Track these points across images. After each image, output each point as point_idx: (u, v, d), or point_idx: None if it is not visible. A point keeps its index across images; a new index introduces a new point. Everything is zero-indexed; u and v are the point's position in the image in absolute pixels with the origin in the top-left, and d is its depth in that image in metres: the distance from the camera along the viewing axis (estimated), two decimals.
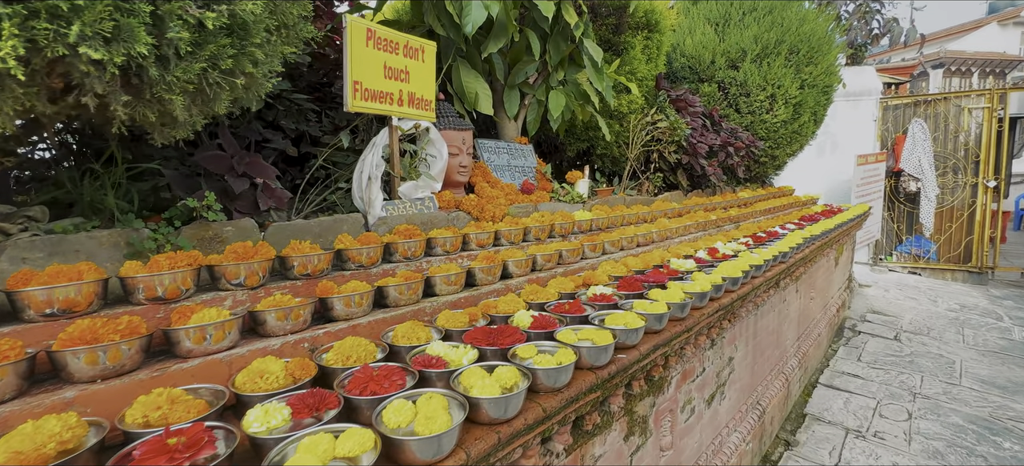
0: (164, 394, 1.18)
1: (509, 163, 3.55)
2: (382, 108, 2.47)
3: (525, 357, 1.56)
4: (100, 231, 1.59)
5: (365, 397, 1.26)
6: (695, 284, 2.44)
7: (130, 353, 1.29)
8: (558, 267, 2.74)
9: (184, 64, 1.22)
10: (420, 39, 2.63)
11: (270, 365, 1.35)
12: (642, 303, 2.12)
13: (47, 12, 1.02)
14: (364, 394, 1.26)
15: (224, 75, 1.35)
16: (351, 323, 1.73)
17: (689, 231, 4.13)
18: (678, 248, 3.51)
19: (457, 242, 2.46)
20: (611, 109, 4.54)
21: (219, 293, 1.64)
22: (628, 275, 2.66)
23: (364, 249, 2.05)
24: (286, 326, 1.60)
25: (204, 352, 1.41)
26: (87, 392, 1.20)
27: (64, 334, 1.23)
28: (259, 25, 1.37)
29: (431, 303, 2.02)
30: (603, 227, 3.49)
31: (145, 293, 1.49)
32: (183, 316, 1.44)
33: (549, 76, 3.77)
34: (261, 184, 2.08)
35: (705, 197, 5.46)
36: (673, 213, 4.42)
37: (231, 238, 1.88)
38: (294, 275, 1.85)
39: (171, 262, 1.53)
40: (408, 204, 2.56)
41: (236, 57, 1.35)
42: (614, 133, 4.65)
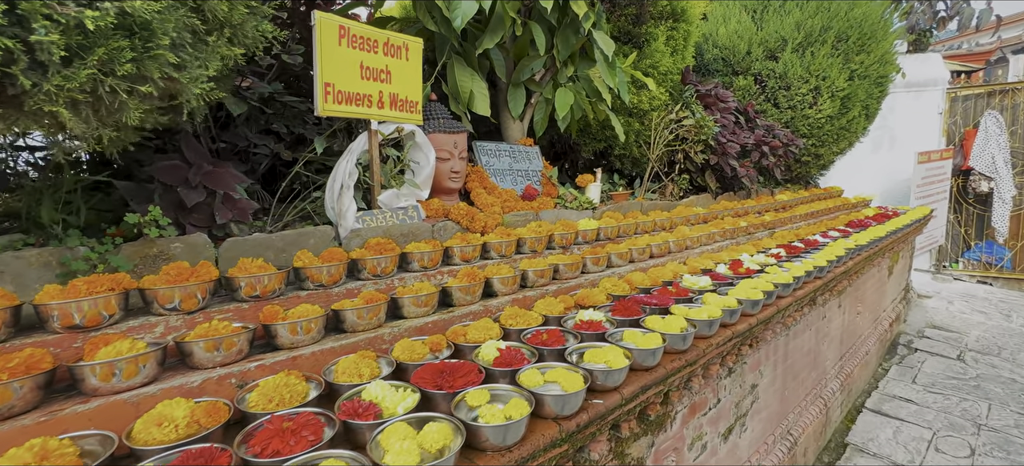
0: (37, 446, 1.04)
1: (511, 167, 3.32)
2: (358, 111, 2.29)
3: (474, 405, 1.34)
4: (29, 250, 1.49)
5: (264, 459, 1.07)
6: (702, 310, 2.13)
7: (22, 393, 1.17)
8: (552, 284, 2.49)
9: (67, 71, 1.07)
10: (403, 36, 2.44)
11: (173, 410, 1.19)
12: (633, 333, 1.84)
13: None
14: (264, 455, 1.08)
15: (127, 81, 1.20)
16: (294, 354, 1.56)
17: (713, 240, 3.76)
18: (697, 260, 3.17)
19: (436, 257, 2.26)
20: (629, 106, 4.21)
21: (151, 318, 1.51)
22: (629, 295, 2.38)
23: (325, 267, 1.88)
24: (216, 358, 1.45)
25: (111, 390, 1.27)
26: None
27: None
28: (167, 24, 1.21)
29: (394, 328, 1.82)
30: (612, 236, 3.21)
31: (61, 321, 1.37)
32: (95, 348, 1.31)
33: (557, 72, 3.50)
34: (221, 196, 1.95)
35: (736, 201, 5.02)
36: (696, 219, 4.05)
37: (179, 255, 1.75)
38: (242, 297, 1.70)
39: (90, 286, 1.40)
40: (388, 214, 2.38)
41: (139, 61, 1.19)
42: (633, 132, 4.31)
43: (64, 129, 1.22)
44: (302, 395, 1.36)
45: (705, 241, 3.68)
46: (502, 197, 3.00)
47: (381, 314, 1.84)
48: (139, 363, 1.31)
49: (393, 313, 1.95)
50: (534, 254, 2.69)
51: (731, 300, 2.31)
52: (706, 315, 2.08)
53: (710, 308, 2.15)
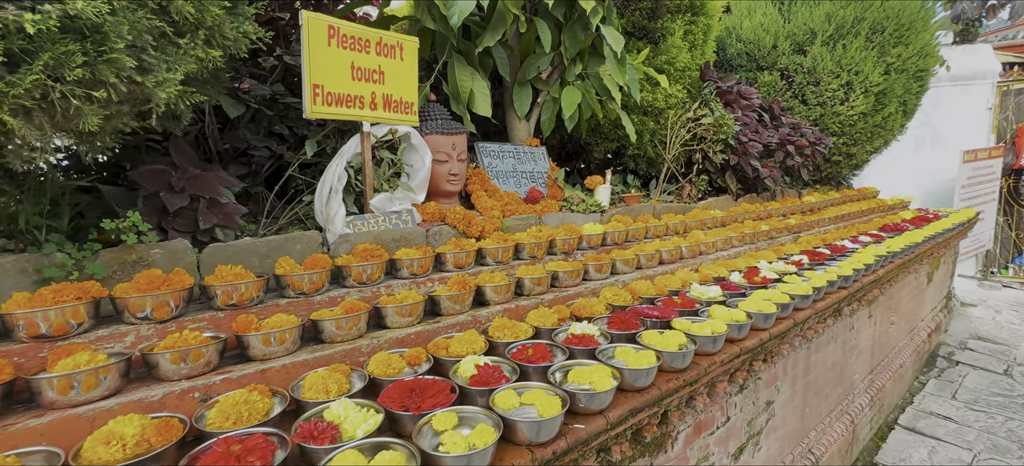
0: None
1: (515, 168, 3.22)
2: (349, 113, 2.24)
3: (440, 430, 1.25)
4: (5, 256, 1.48)
5: None
6: (706, 324, 1.99)
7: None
8: (549, 292, 2.38)
9: (11, 77, 1.04)
10: (397, 35, 2.37)
11: (124, 427, 1.15)
12: (626, 350, 1.72)
13: None
14: None
15: (81, 86, 1.16)
16: (265, 366, 1.51)
17: (730, 245, 3.57)
18: (710, 268, 3.00)
19: (426, 263, 2.18)
20: (643, 105, 4.04)
21: (121, 328, 1.49)
22: (630, 306, 2.25)
23: (305, 274, 1.83)
24: (182, 370, 1.41)
25: (68, 404, 1.24)
26: None
27: None
28: (121, 27, 1.16)
29: (374, 340, 1.76)
30: (619, 241, 3.07)
31: (27, 330, 1.35)
32: (57, 359, 1.28)
33: (565, 70, 3.38)
34: (206, 200, 1.93)
35: (760, 203, 4.78)
36: (713, 223, 3.86)
37: (159, 262, 1.72)
38: (218, 305, 1.66)
39: (56, 295, 1.38)
40: (381, 219, 2.32)
41: (92, 65, 1.15)
42: (648, 131, 4.14)
43: (13, 136, 1.19)
44: (263, 412, 1.30)
45: (721, 246, 3.49)
46: (503, 200, 2.90)
47: (361, 324, 1.77)
48: (99, 375, 1.28)
49: (377, 323, 1.89)
50: (533, 260, 2.59)
51: (740, 313, 2.15)
52: (710, 330, 1.93)
53: (715, 322, 2.00)
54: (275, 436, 1.19)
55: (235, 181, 2.15)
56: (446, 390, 1.40)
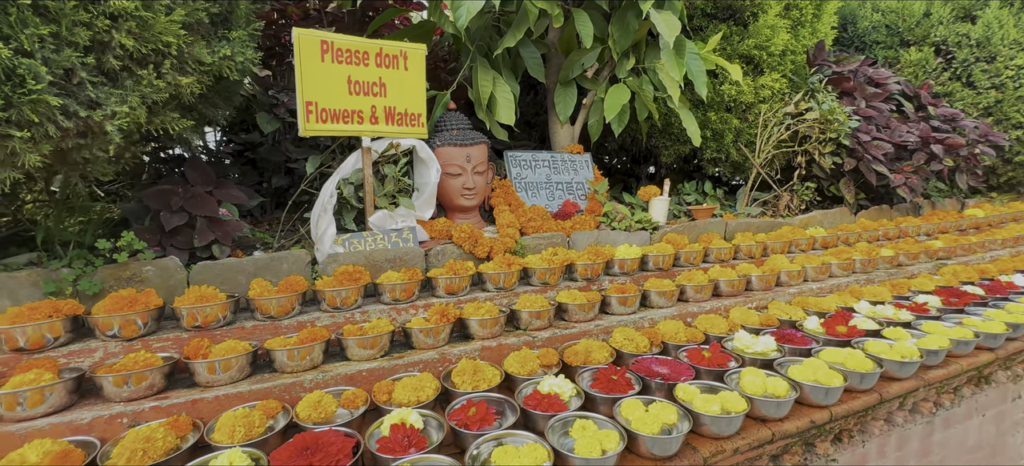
0: None
1: (549, 179, 2.92)
2: (346, 129, 2.18)
3: None
4: (19, 271, 1.69)
5: None
6: (715, 399, 1.52)
7: None
8: (550, 328, 2.08)
9: None
10: (400, 44, 2.25)
11: (28, 454, 1.20)
12: (585, 427, 1.38)
13: None
14: None
15: (13, 117, 1.23)
16: (202, 395, 1.51)
17: (825, 274, 2.84)
18: (781, 306, 2.39)
19: (410, 288, 2.04)
20: (722, 99, 3.41)
21: (90, 344, 1.60)
22: (640, 356, 1.86)
23: (273, 299, 1.81)
24: (124, 393, 1.46)
25: (14, 418, 1.34)
26: None
27: None
28: (38, 69, 1.21)
29: (322, 374, 1.66)
30: (664, 266, 2.61)
31: (7, 343, 1.51)
32: (19, 372, 1.41)
33: (616, 66, 2.97)
34: (206, 218, 2.02)
35: (891, 219, 3.77)
36: (808, 245, 3.11)
37: (152, 278, 1.84)
38: (184, 326, 1.72)
39: (32, 312, 1.52)
40: (379, 237, 2.24)
41: (15, 107, 1.21)
42: (731, 131, 3.49)
43: None
44: (162, 452, 1.28)
45: (814, 276, 2.79)
46: (526, 215, 2.64)
47: (315, 354, 1.70)
48: (44, 394, 1.37)
49: (339, 353, 1.81)
50: (545, 287, 2.30)
51: (780, 385, 1.63)
52: (719, 408, 1.48)
53: (732, 399, 1.53)
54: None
55: (244, 198, 2.23)
56: (346, 452, 1.25)
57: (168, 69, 1.61)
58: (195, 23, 1.70)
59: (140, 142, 1.84)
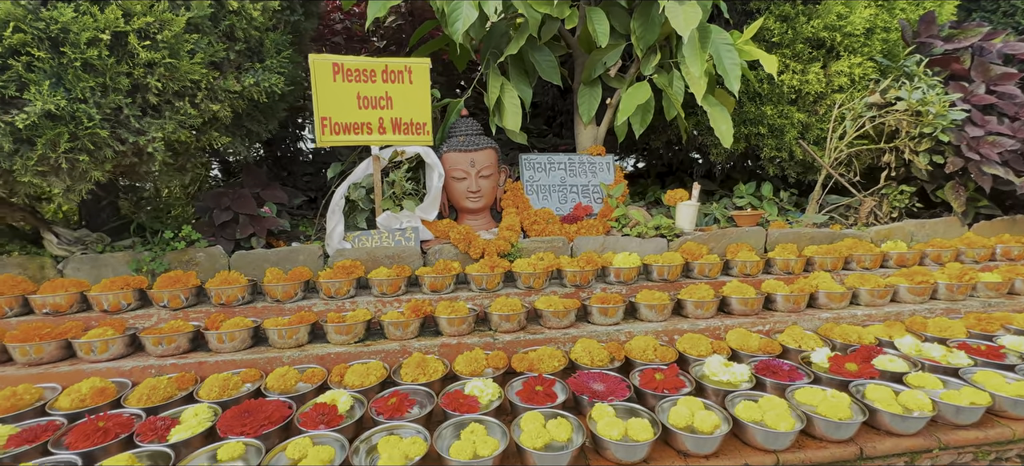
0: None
1: (564, 182, 2.91)
2: (357, 140, 2.48)
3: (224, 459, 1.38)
4: (117, 252, 2.30)
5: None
6: (613, 425, 1.47)
7: (47, 349, 1.87)
8: (523, 331, 2.14)
9: (29, 153, 1.64)
10: (404, 60, 2.46)
11: (82, 387, 1.69)
12: (474, 434, 1.46)
13: None
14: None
15: (76, 153, 1.72)
16: (216, 359, 1.92)
17: (882, 298, 2.40)
18: (798, 334, 2.11)
19: (396, 283, 2.28)
20: (784, 91, 3.01)
21: (150, 310, 2.13)
22: (587, 372, 1.84)
23: (279, 285, 2.19)
24: (157, 350, 1.93)
25: (87, 360, 1.88)
26: None
27: None
28: (90, 110, 1.66)
29: (305, 351, 1.98)
30: (671, 278, 2.46)
31: (97, 306, 2.09)
32: (96, 326, 1.96)
33: (642, 62, 2.82)
34: (247, 216, 2.49)
35: (1017, 233, 2.97)
36: (872, 261, 2.63)
37: (203, 263, 2.35)
38: (213, 303, 2.17)
39: (110, 284, 2.08)
40: (384, 236, 2.51)
41: (77, 139, 1.69)
42: (794, 126, 3.07)
43: (42, 192, 1.85)
44: (163, 398, 1.68)
45: (869, 300, 2.38)
46: (531, 218, 2.69)
47: (301, 335, 2.02)
48: (107, 345, 1.89)
49: (325, 336, 2.10)
50: (529, 290, 2.35)
51: (706, 420, 1.49)
52: (613, 435, 1.43)
53: (636, 427, 1.46)
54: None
55: (285, 198, 2.67)
56: (275, 419, 1.51)
57: (201, 99, 2.04)
58: (221, 61, 2.11)
59: (198, 154, 2.33)
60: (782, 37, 2.99)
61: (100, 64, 1.67)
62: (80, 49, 1.60)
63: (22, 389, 1.70)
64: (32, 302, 2.06)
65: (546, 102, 4.14)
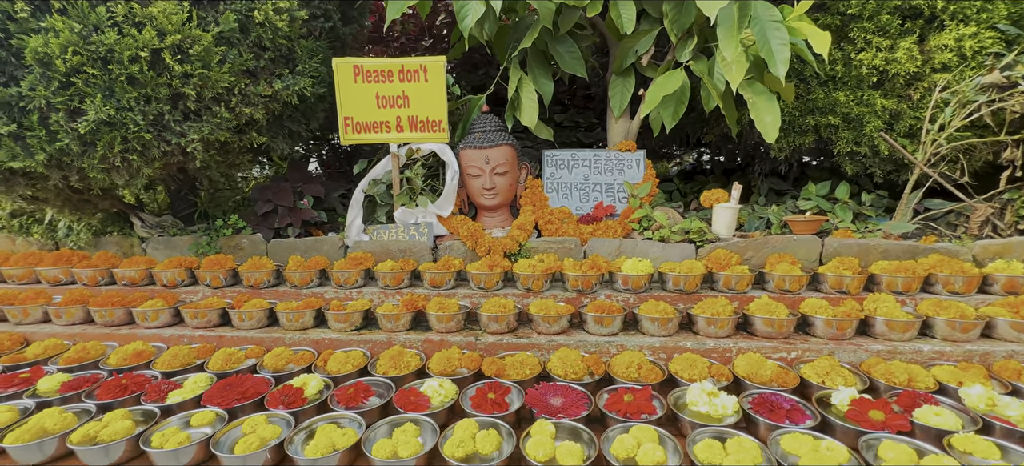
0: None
1: (587, 179, 2.75)
2: (376, 137, 2.60)
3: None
4: (184, 236, 2.71)
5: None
6: (538, 446, 1.36)
7: (113, 315, 2.28)
8: (504, 334, 2.09)
9: (92, 153, 2.00)
10: (420, 59, 2.52)
11: (128, 349, 2.03)
12: (405, 433, 1.46)
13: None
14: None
15: (127, 152, 2.06)
16: (235, 334, 2.18)
17: (966, 331, 1.90)
18: (827, 366, 1.77)
19: (400, 276, 2.36)
20: (860, 74, 2.51)
21: (196, 287, 2.47)
22: (550, 384, 1.74)
23: (297, 272, 2.40)
24: (193, 322, 2.23)
25: (144, 327, 2.25)
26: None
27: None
28: (136, 117, 1.98)
29: (306, 335, 2.15)
30: (688, 289, 2.22)
31: (160, 282, 2.48)
32: (141, 302, 2.33)
33: (677, 48, 2.56)
34: (285, 207, 2.76)
35: None
36: (965, 285, 2.09)
37: (247, 248, 2.67)
38: (244, 285, 2.46)
39: (168, 263, 2.45)
40: (400, 230, 2.61)
41: (127, 142, 2.02)
42: (876, 116, 2.55)
43: (112, 184, 2.22)
44: (182, 363, 1.95)
45: (947, 333, 1.91)
46: (545, 217, 2.60)
47: (306, 319, 2.19)
48: (158, 314, 2.24)
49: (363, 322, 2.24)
50: (528, 292, 2.29)
51: (652, 455, 1.32)
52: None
53: (563, 450, 1.34)
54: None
55: (322, 191, 2.91)
56: (250, 394, 1.68)
57: (235, 104, 2.30)
58: (254, 68, 2.35)
59: (242, 152, 2.64)
60: (861, 7, 2.48)
61: (142, 77, 1.97)
62: (124, 66, 1.91)
63: (91, 345, 2.09)
64: (115, 274, 2.52)
65: (598, 93, 3.94)
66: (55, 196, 2.32)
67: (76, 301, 2.32)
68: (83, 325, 2.31)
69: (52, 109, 1.90)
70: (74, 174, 2.09)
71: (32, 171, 2.05)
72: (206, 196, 3.06)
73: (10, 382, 1.84)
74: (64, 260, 2.59)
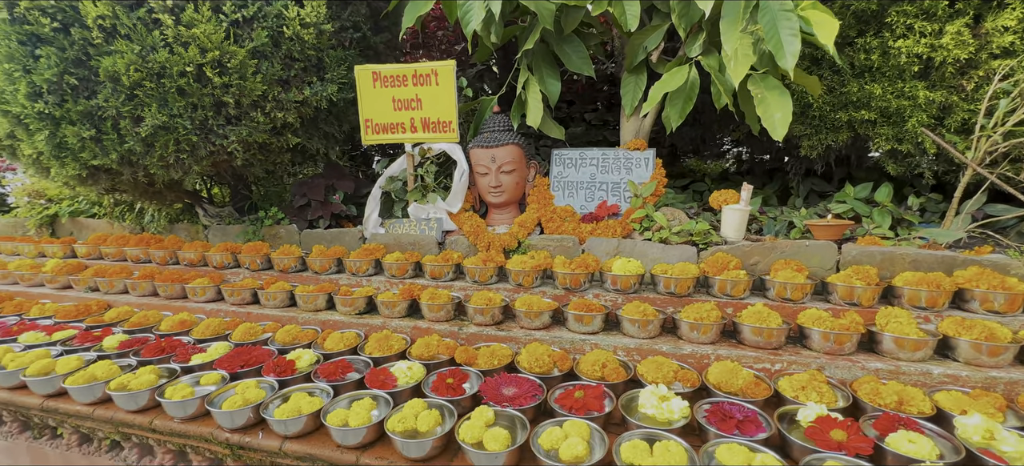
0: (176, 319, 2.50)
1: (593, 178, 2.74)
2: (392, 138, 2.80)
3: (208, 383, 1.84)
4: (235, 224, 3.11)
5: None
6: (467, 429, 1.43)
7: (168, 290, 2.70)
8: (489, 326, 2.18)
9: (152, 153, 2.40)
10: (431, 63, 2.67)
11: (174, 319, 2.41)
12: (361, 405, 1.61)
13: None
14: None
15: (179, 153, 2.43)
16: (260, 311, 2.49)
17: (991, 355, 1.66)
18: (802, 382, 1.65)
19: (404, 267, 2.54)
20: (896, 63, 2.26)
21: (238, 270, 2.84)
22: (505, 376, 1.81)
23: (317, 259, 2.67)
24: (233, 299, 2.59)
25: (194, 301, 2.64)
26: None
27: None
28: (183, 121, 2.34)
29: (317, 316, 2.39)
30: (679, 291, 2.15)
31: (210, 264, 2.88)
32: (198, 279, 2.72)
33: (685, 44, 2.47)
34: (318, 201, 3.07)
35: None
36: (1006, 301, 1.81)
37: (285, 237, 3.01)
38: (275, 270, 2.78)
39: (216, 249, 2.84)
40: (412, 224, 2.80)
41: (178, 143, 2.39)
42: (923, 110, 2.28)
43: (170, 178, 2.61)
44: (213, 332, 2.27)
45: (972, 357, 1.69)
46: (547, 215, 2.64)
47: (319, 302, 2.45)
48: (205, 290, 2.62)
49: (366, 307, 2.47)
50: (518, 287, 2.35)
51: (574, 449, 1.33)
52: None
53: (491, 436, 1.39)
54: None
55: (351, 187, 3.19)
56: (256, 362, 1.93)
57: (269, 109, 2.62)
58: (287, 77, 2.65)
59: (282, 152, 2.97)
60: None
61: (189, 89, 2.32)
62: (174, 79, 2.27)
63: (151, 314, 2.51)
64: (178, 256, 2.97)
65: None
66: (131, 188, 2.79)
67: (147, 277, 2.78)
68: (150, 296, 2.76)
69: (120, 117, 2.31)
70: (140, 170, 2.52)
71: (109, 168, 2.49)
72: (259, 190, 3.48)
73: (86, 338, 2.27)
74: (144, 242, 3.10)
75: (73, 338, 2.31)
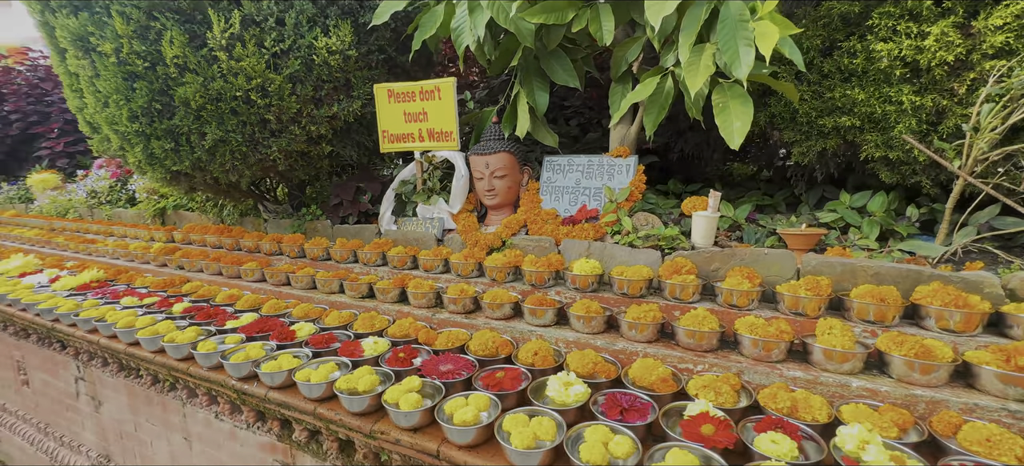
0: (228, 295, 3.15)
1: (578, 184, 2.90)
2: (404, 146, 3.20)
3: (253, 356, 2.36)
4: (286, 219, 3.72)
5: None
6: (396, 392, 1.72)
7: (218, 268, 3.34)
8: (460, 314, 2.46)
9: (214, 162, 3.01)
10: (435, 81, 3.01)
11: (207, 288, 3.02)
12: (354, 376, 1.98)
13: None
14: None
15: (232, 161, 3.03)
16: (289, 291, 3.02)
17: (923, 373, 1.62)
18: (715, 382, 1.74)
19: (404, 259, 2.91)
20: (879, 67, 2.17)
21: (281, 256, 3.42)
22: (453, 355, 2.08)
23: (338, 249, 3.14)
24: (272, 281, 3.15)
25: (238, 283, 3.26)
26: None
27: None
28: (236, 136, 2.92)
29: (331, 298, 2.86)
30: (631, 292, 2.28)
31: (261, 251, 3.49)
32: (244, 262, 3.33)
33: (660, 54, 2.55)
34: (348, 201, 3.57)
35: None
36: (961, 320, 1.72)
37: (321, 230, 3.55)
38: (307, 258, 3.30)
39: (249, 235, 3.44)
40: (420, 223, 3.17)
41: (233, 152, 2.99)
42: (911, 113, 2.17)
43: (229, 181, 3.22)
44: (249, 305, 2.83)
45: (904, 373, 1.66)
46: (533, 217, 2.87)
47: (333, 286, 2.91)
48: (251, 271, 3.22)
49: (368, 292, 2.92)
50: (493, 282, 2.61)
51: (468, 415, 1.58)
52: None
53: (408, 400, 1.68)
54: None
55: (379, 188, 3.65)
56: (272, 332, 2.42)
57: (305, 123, 3.14)
58: (318, 96, 3.15)
59: (321, 159, 3.50)
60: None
61: (239, 109, 2.90)
62: (228, 102, 2.85)
63: (211, 288, 3.15)
64: (240, 243, 3.63)
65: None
66: (204, 187, 3.49)
67: (215, 260, 3.46)
68: (216, 275, 3.43)
69: (191, 133, 2.95)
70: (207, 174, 3.17)
71: (186, 172, 3.17)
72: (311, 191, 4.09)
73: (162, 304, 2.94)
74: (218, 232, 3.82)
75: (156, 303, 3.00)
